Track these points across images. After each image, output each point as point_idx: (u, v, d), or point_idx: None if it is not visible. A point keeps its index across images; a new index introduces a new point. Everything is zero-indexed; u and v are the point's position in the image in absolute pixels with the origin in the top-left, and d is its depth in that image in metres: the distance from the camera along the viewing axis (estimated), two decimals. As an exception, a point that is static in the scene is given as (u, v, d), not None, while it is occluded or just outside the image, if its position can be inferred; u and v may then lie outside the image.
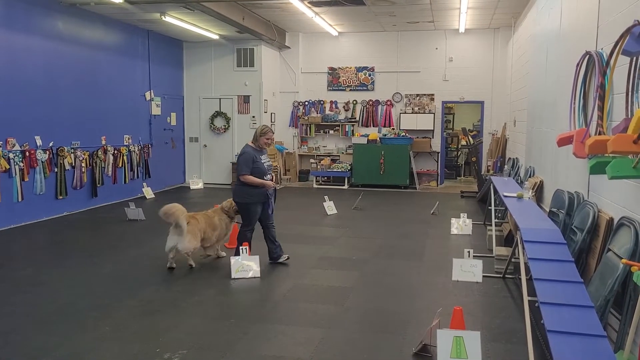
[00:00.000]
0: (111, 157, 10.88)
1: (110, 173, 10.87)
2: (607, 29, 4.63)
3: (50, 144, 9.26)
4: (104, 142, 10.71)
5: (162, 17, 10.46)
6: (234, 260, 5.92)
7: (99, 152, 10.54)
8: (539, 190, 7.20)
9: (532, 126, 8.48)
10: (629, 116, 3.64)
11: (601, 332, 3.26)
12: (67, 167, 9.65)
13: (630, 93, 3.69)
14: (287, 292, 5.48)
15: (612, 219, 4.18)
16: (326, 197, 10.04)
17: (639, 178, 3.41)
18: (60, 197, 9.50)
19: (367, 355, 4.01)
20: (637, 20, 3.35)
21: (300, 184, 14.35)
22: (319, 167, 14.02)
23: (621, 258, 3.54)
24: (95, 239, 7.82)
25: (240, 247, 6.02)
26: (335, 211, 9.84)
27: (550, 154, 6.82)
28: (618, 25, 4.15)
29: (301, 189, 13.37)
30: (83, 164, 10.03)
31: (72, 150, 9.79)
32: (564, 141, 4.81)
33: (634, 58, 3.63)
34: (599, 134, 4.20)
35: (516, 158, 10.30)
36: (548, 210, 5.97)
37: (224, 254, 6.72)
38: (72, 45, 9.86)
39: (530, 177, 7.95)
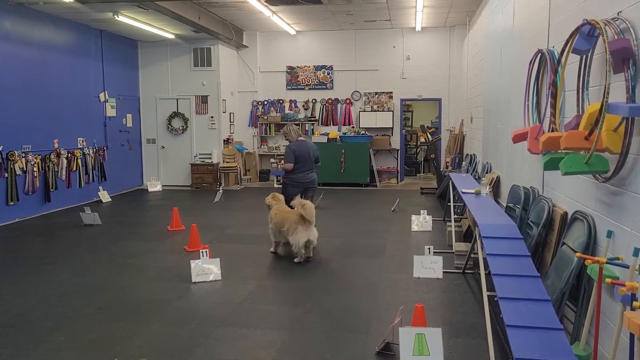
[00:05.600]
0: (65, 161, 10.54)
1: (64, 177, 10.53)
2: (557, 28, 4.74)
3: (0, 148, 8.90)
4: (56, 146, 10.37)
5: (115, 16, 10.19)
6: (194, 264, 5.83)
7: (52, 156, 10.19)
8: (495, 186, 7.34)
9: (488, 123, 8.63)
10: (580, 113, 3.74)
11: (558, 325, 3.34)
12: (18, 171, 9.29)
13: (580, 90, 3.78)
14: (249, 294, 5.42)
15: (566, 213, 4.28)
16: (287, 197, 9.96)
17: (591, 173, 3.50)
18: (12, 203, 9.14)
19: (330, 355, 4.00)
20: (586, 20, 3.44)
21: (261, 184, 14.25)
22: (279, 166, 13.94)
23: (575, 252, 3.63)
24: (49, 246, 7.56)
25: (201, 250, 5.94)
26: (296, 211, 9.78)
27: (506, 150, 6.95)
28: (568, 24, 4.26)
29: (262, 189, 13.27)
30: (35, 168, 9.67)
31: (23, 154, 9.43)
32: (518, 138, 4.92)
33: (584, 56, 3.73)
34: (552, 130, 4.30)
35: (474, 154, 10.47)
36: (505, 205, 6.08)
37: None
38: (20, 46, 9.50)
39: (487, 173, 8.10)
